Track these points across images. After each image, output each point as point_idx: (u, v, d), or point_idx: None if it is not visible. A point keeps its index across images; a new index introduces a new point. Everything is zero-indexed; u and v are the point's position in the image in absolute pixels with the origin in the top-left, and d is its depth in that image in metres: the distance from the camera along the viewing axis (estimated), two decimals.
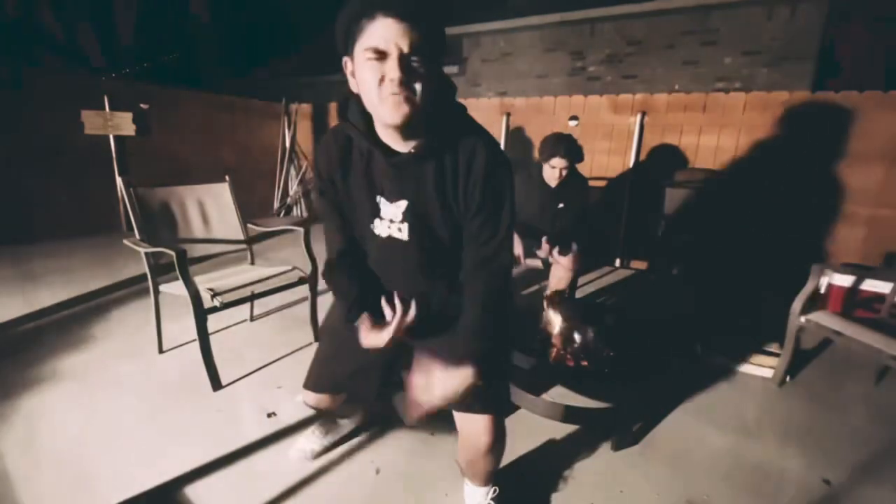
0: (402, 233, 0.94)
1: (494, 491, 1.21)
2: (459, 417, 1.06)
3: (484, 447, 1.05)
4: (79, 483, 1.29)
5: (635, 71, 5.50)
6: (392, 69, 0.77)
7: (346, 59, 0.85)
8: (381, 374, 1.15)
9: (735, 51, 4.99)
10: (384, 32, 0.75)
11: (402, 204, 0.92)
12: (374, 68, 0.78)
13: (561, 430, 1.60)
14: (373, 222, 0.96)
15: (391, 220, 0.94)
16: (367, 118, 0.89)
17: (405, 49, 0.76)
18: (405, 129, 0.85)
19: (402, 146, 0.89)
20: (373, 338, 0.95)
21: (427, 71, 0.79)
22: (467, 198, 0.91)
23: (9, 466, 1.33)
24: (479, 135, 0.91)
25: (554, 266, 2.41)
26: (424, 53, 0.78)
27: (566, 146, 2.33)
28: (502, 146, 4.18)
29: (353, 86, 0.87)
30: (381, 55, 0.77)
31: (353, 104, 0.91)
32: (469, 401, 0.95)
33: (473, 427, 1.04)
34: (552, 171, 2.38)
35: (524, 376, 1.53)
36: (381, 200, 0.94)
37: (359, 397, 1.26)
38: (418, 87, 0.79)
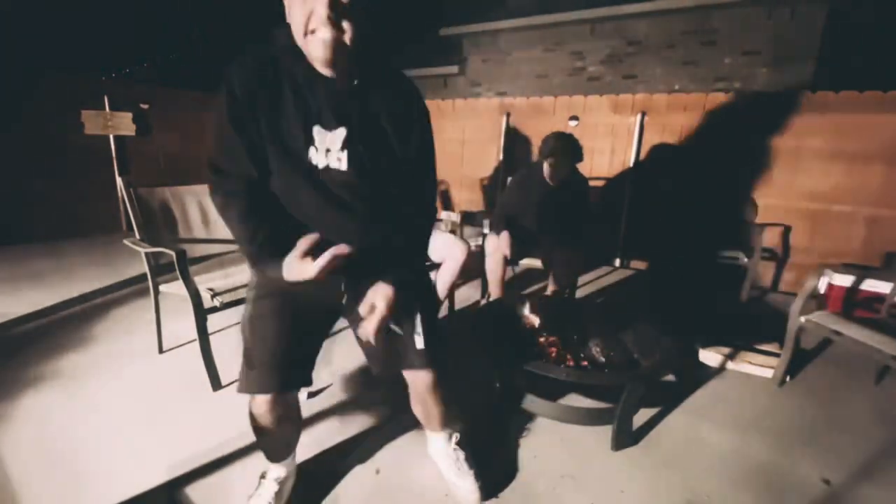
0: (340, 162, 0.92)
1: (455, 436, 1.35)
2: (408, 375, 1.17)
3: (429, 395, 1.18)
4: (79, 483, 1.29)
5: (635, 71, 5.49)
6: (320, 5, 0.77)
7: None
8: (319, 337, 1.15)
9: (735, 51, 4.98)
10: None
11: (342, 132, 0.91)
12: (302, 3, 0.78)
13: (561, 429, 1.60)
14: (307, 152, 0.91)
15: (328, 150, 0.91)
16: (299, 48, 0.87)
17: None
18: (335, 65, 0.86)
19: (333, 75, 0.89)
20: (301, 268, 0.85)
21: (357, 11, 0.80)
22: (405, 135, 0.97)
23: (9, 466, 1.33)
24: (413, 85, 1.00)
25: (554, 266, 2.41)
26: None
27: (565, 145, 2.33)
28: (502, 146, 4.19)
29: (288, 17, 0.85)
30: None
31: (287, 35, 0.87)
32: (411, 360, 1.10)
33: (420, 381, 1.16)
34: (552, 170, 2.38)
35: (525, 377, 1.53)
36: (317, 129, 0.90)
37: (305, 376, 1.11)
38: (346, 26, 0.80)
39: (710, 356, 2.15)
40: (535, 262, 2.52)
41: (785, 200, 3.28)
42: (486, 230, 2.67)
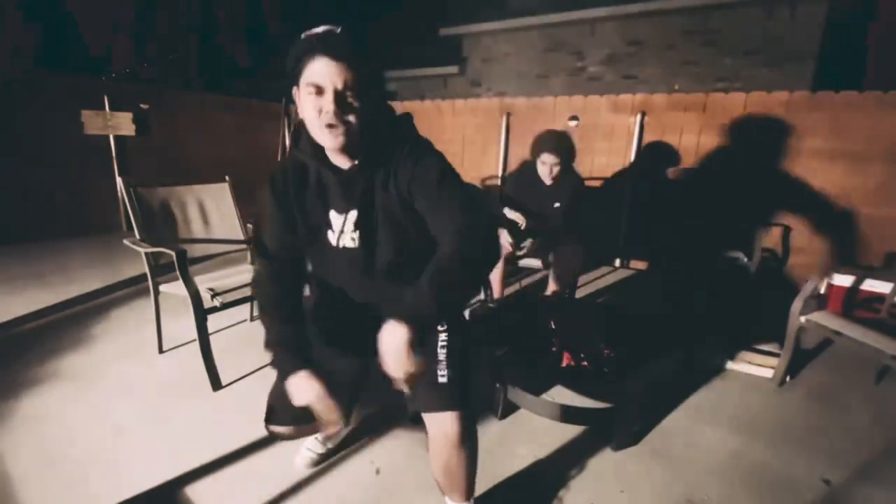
0: (354, 242, 1.02)
1: None
2: (427, 420, 1.02)
3: (454, 448, 1.01)
4: (79, 483, 1.29)
5: (635, 71, 5.50)
6: (327, 103, 0.87)
7: (294, 89, 0.93)
8: (351, 386, 1.16)
9: (735, 51, 4.99)
10: (322, 71, 0.86)
11: (353, 214, 1.00)
12: (314, 101, 0.88)
13: (561, 430, 1.60)
14: (327, 234, 1.04)
15: (342, 231, 1.02)
16: (316, 143, 0.97)
17: (339, 86, 0.86)
18: (347, 151, 0.96)
19: (347, 164, 0.99)
20: (303, 393, 0.92)
21: (361, 104, 0.89)
22: (424, 200, 0.97)
23: (9, 466, 1.33)
24: (421, 145, 1.01)
25: (553, 266, 2.41)
26: (357, 89, 0.88)
27: (556, 142, 2.33)
28: (502, 146, 4.19)
29: (300, 112, 0.94)
30: (319, 90, 0.87)
31: (303, 132, 1.00)
32: (429, 398, 0.99)
33: (441, 428, 1.00)
34: (544, 168, 2.38)
35: (524, 376, 1.53)
36: (332, 213, 1.02)
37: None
38: (352, 118, 0.89)
39: (710, 356, 2.15)
40: (536, 262, 2.52)
41: (785, 200, 3.28)
42: None
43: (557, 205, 2.44)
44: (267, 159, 5.75)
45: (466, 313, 2.33)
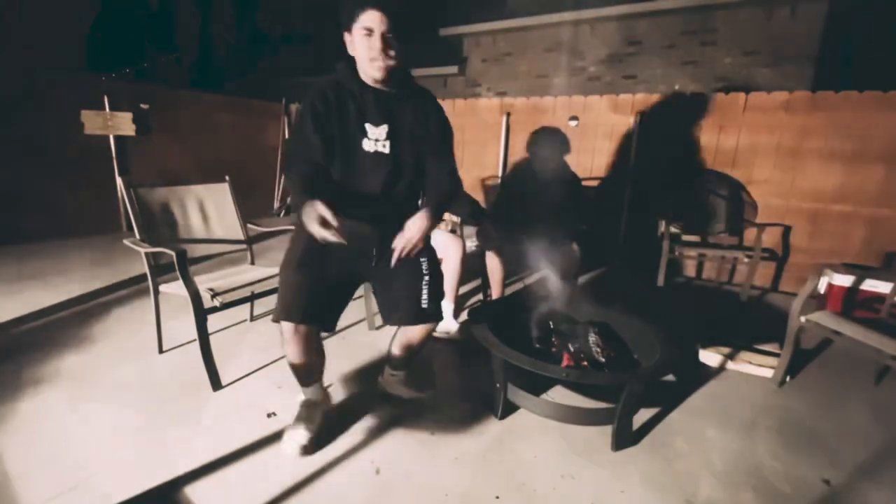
0: (385, 148, 1.38)
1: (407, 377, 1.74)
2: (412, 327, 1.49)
3: (419, 342, 1.57)
4: (79, 483, 1.29)
5: (635, 71, 5.50)
6: (376, 42, 1.27)
7: (346, 34, 1.33)
8: (346, 292, 1.47)
9: (735, 51, 4.99)
10: (373, 18, 1.26)
11: (385, 127, 1.37)
12: (366, 41, 1.28)
13: (561, 430, 1.60)
14: (362, 141, 1.36)
15: (376, 139, 1.37)
16: (356, 74, 1.37)
17: (384, 31, 1.27)
18: (383, 81, 1.36)
19: (381, 88, 1.38)
20: (312, 220, 1.16)
21: (397, 45, 1.30)
22: (429, 132, 1.46)
23: (9, 466, 1.33)
24: (431, 95, 1.52)
25: (551, 266, 2.40)
26: (395, 33, 1.28)
27: (549, 138, 2.33)
28: (502, 146, 4.19)
29: (351, 51, 1.35)
30: (370, 32, 1.27)
31: (345, 65, 1.38)
32: (412, 317, 1.44)
33: (416, 332, 1.53)
34: (539, 164, 2.38)
35: (524, 376, 1.53)
36: (369, 125, 1.36)
37: (325, 320, 1.38)
38: (391, 55, 1.30)
39: (710, 356, 2.15)
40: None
41: (785, 200, 3.28)
42: None
43: (554, 202, 2.42)
44: (267, 159, 5.76)
45: (466, 312, 2.33)
